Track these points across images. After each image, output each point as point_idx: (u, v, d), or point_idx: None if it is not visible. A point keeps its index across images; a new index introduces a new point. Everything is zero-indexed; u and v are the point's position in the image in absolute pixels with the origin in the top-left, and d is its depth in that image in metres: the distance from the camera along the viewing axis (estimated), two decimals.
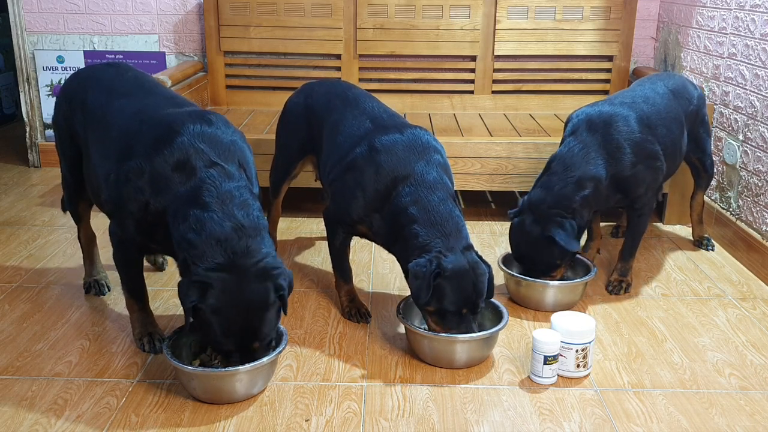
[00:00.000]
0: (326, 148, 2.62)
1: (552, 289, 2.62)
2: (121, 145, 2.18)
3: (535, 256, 2.60)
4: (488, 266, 2.28)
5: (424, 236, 2.23)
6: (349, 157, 2.43)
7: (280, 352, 2.08)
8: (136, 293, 2.34)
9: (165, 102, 2.33)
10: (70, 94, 2.50)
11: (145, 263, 2.67)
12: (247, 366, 2.00)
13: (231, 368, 1.99)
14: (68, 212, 2.75)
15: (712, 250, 3.19)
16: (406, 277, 2.32)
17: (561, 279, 2.67)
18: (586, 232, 3.08)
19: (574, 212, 2.57)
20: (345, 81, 3.02)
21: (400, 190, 2.31)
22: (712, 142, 3.14)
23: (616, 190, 2.66)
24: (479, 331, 2.25)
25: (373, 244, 3.24)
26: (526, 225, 2.60)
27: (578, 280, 2.66)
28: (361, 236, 2.53)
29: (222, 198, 2.01)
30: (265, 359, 2.02)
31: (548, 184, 2.61)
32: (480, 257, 2.27)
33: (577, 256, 2.76)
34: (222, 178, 2.04)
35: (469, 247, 2.26)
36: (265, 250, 2.00)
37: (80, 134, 2.42)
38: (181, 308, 2.60)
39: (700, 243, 3.24)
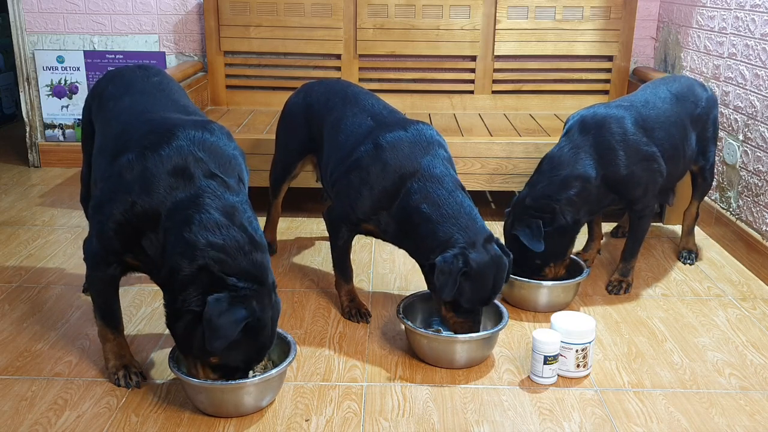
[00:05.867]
0: (327, 148, 2.62)
1: (544, 289, 2.62)
2: (118, 143, 2.09)
3: (517, 255, 2.59)
4: (508, 255, 2.29)
5: (442, 232, 2.22)
6: (353, 155, 2.43)
7: (289, 363, 2.05)
8: (111, 320, 2.15)
9: (174, 108, 2.25)
10: (94, 87, 2.47)
11: None
12: (255, 379, 1.96)
13: (240, 381, 1.94)
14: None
15: (691, 264, 3.08)
16: (423, 269, 2.32)
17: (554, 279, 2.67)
18: (587, 232, 3.09)
19: (555, 212, 2.56)
20: (344, 80, 3.02)
21: (409, 187, 2.30)
22: (716, 150, 3.05)
23: (611, 191, 2.65)
24: (481, 326, 2.26)
25: (373, 244, 3.25)
26: (507, 224, 2.63)
27: (570, 281, 2.65)
28: (366, 234, 2.52)
29: (226, 209, 1.93)
30: (274, 371, 1.99)
31: (534, 182, 2.63)
32: (501, 246, 2.27)
33: (571, 256, 2.76)
34: (223, 190, 1.96)
35: (490, 238, 2.25)
36: (271, 267, 1.97)
37: (94, 126, 2.39)
38: None
39: (681, 254, 3.13)
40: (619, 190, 2.66)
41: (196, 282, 1.85)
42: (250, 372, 2.01)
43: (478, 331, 2.26)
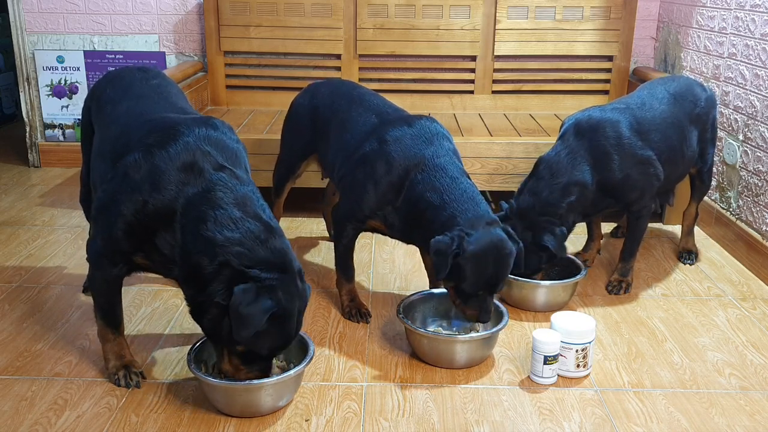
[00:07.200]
0: (333, 147, 2.63)
1: (543, 289, 2.62)
2: (118, 144, 2.09)
3: (524, 261, 2.57)
4: (517, 242, 2.26)
5: (444, 215, 2.23)
6: (359, 152, 2.44)
7: (307, 364, 2.05)
8: (112, 321, 2.15)
9: (173, 111, 2.25)
10: (93, 88, 2.47)
11: None
12: (273, 379, 1.96)
13: (258, 381, 1.95)
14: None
15: (691, 264, 3.08)
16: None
17: (548, 279, 2.67)
18: (586, 232, 3.09)
19: (561, 218, 2.58)
20: (349, 80, 3.02)
21: (413, 178, 2.31)
22: (715, 152, 3.03)
23: (606, 195, 2.65)
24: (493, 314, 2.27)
25: (373, 244, 3.26)
26: (517, 232, 2.59)
27: (569, 280, 2.65)
28: (373, 231, 2.52)
29: (240, 200, 1.94)
30: (292, 372, 1.99)
31: (535, 189, 2.61)
32: (509, 232, 2.26)
33: (569, 256, 2.76)
34: (234, 182, 1.97)
35: (494, 223, 2.24)
36: (292, 252, 1.98)
37: (93, 128, 2.39)
38: (183, 308, 2.61)
39: (681, 255, 3.13)
40: (614, 194, 2.66)
41: (218, 277, 1.86)
42: (274, 360, 2.02)
43: (486, 321, 2.25)
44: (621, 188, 2.64)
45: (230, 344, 1.91)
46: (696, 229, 3.22)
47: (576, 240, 3.15)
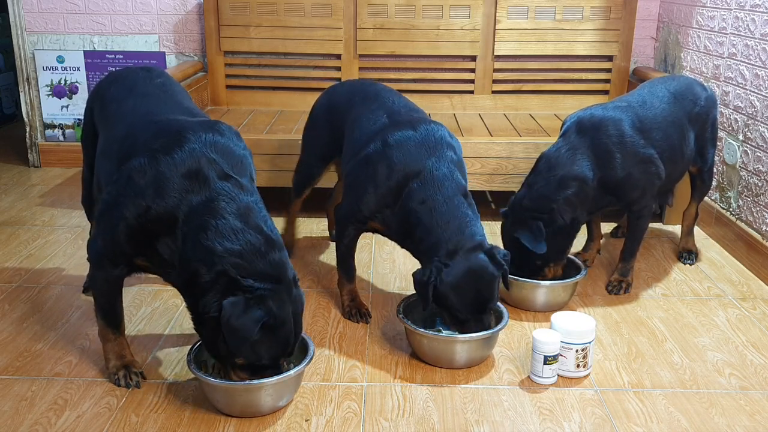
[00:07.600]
0: (346, 145, 2.63)
1: (543, 289, 2.62)
2: (124, 145, 2.09)
3: (516, 257, 2.55)
4: (500, 266, 2.24)
5: (431, 238, 2.24)
6: (363, 152, 2.44)
7: (307, 364, 2.05)
8: (113, 320, 2.15)
9: (179, 110, 2.24)
10: (95, 88, 2.46)
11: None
12: (273, 379, 1.95)
13: (257, 381, 1.94)
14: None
15: (691, 264, 3.08)
16: None
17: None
18: (586, 232, 3.08)
19: (553, 212, 2.55)
20: (368, 79, 3.00)
21: (411, 187, 2.31)
22: (715, 152, 3.03)
23: (607, 193, 2.65)
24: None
25: (373, 244, 3.26)
26: (506, 226, 2.61)
27: (568, 280, 2.65)
28: (374, 232, 2.53)
29: (242, 211, 1.93)
30: (292, 372, 1.99)
31: (531, 183, 2.62)
32: (493, 255, 2.24)
33: (569, 256, 2.76)
34: (237, 191, 1.96)
35: (477, 247, 2.22)
36: (290, 263, 1.98)
37: (96, 128, 2.38)
38: (183, 308, 2.61)
39: (681, 255, 3.13)
40: (616, 192, 2.65)
41: (215, 287, 1.87)
42: (284, 365, 2.01)
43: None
44: (623, 187, 2.64)
45: (229, 357, 1.91)
46: (696, 229, 3.22)
47: (576, 240, 3.14)
